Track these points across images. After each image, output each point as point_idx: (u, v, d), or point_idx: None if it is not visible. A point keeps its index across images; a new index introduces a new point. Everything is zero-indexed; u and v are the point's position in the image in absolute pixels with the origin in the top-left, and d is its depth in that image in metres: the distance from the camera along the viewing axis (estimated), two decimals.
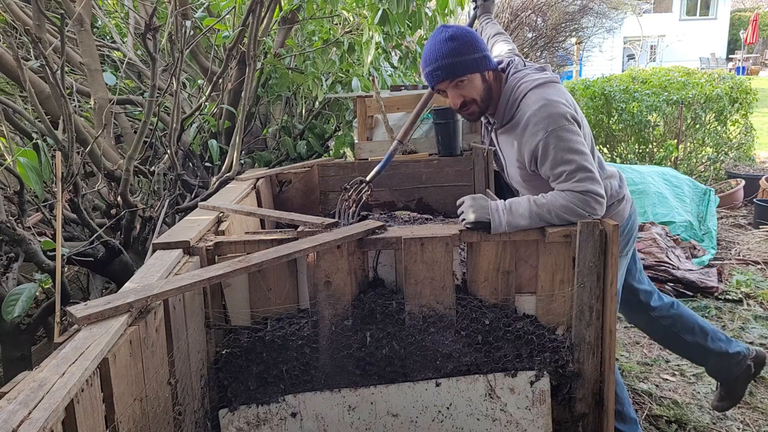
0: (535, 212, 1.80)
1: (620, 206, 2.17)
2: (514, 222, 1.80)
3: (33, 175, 1.89)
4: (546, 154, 1.86)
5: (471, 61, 1.91)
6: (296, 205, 3.22)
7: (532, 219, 1.80)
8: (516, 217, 1.80)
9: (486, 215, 1.81)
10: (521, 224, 1.80)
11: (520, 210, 1.82)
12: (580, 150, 1.84)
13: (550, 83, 1.95)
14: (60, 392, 1.00)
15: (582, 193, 1.79)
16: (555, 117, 1.84)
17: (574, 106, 1.95)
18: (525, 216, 1.80)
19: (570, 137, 1.84)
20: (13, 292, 1.89)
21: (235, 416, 1.78)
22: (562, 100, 1.88)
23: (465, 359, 1.81)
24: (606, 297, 1.79)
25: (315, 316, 1.80)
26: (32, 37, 2.12)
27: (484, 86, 1.97)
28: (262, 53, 3.49)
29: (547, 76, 1.97)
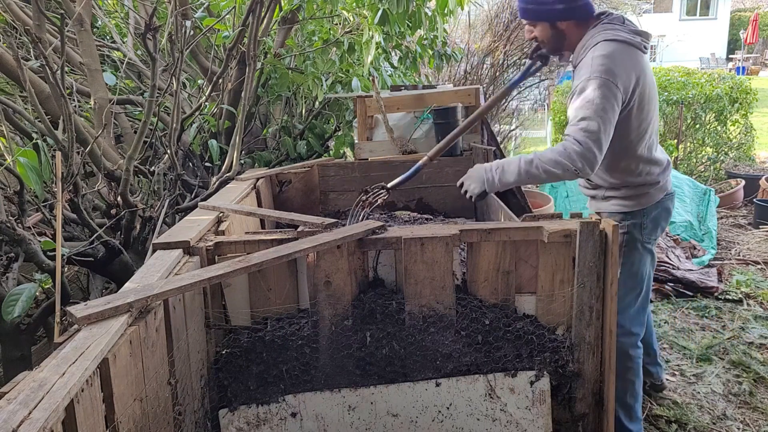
0: (523, 169, 1.99)
1: (651, 190, 2.17)
2: (504, 179, 2.02)
3: (33, 175, 1.88)
4: (578, 94, 1.97)
5: (544, 11, 2.08)
6: (296, 205, 3.22)
7: (520, 175, 2.00)
8: (507, 174, 2.02)
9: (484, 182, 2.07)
10: (510, 180, 2.02)
11: (510, 168, 2.02)
12: (603, 108, 1.89)
13: (625, 44, 1.98)
14: (60, 392, 1.00)
15: (575, 142, 1.89)
16: (605, 70, 1.91)
17: (636, 76, 1.96)
18: (514, 173, 2.01)
19: (604, 93, 1.89)
20: (13, 292, 1.89)
21: (235, 416, 1.78)
22: (621, 64, 1.94)
23: (465, 359, 1.81)
24: (606, 297, 1.79)
25: (315, 316, 1.80)
26: (32, 37, 2.12)
27: (553, 33, 2.11)
28: (262, 53, 3.49)
29: (627, 37, 1.98)
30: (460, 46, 7.70)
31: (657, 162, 2.18)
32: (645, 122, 2.06)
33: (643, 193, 2.17)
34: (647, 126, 2.08)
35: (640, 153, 2.12)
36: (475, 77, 7.92)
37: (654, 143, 2.16)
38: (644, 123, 2.06)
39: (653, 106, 2.10)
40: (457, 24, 8.20)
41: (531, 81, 9.57)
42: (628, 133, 2.06)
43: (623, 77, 1.92)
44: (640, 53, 2.01)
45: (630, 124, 2.04)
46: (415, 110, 3.56)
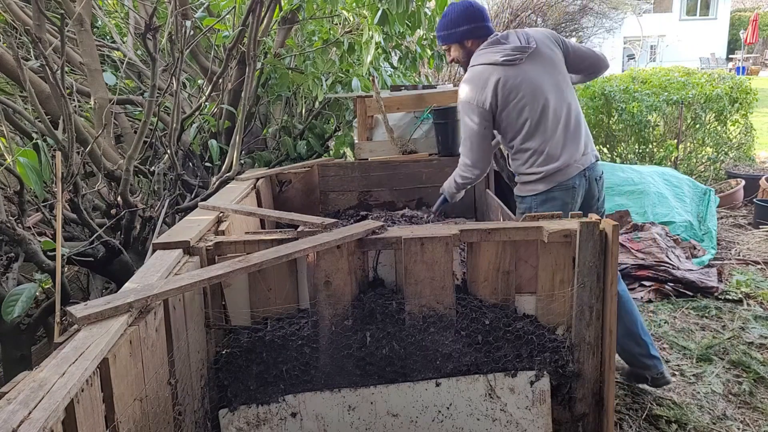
0: (454, 187, 2.76)
1: (532, 179, 2.54)
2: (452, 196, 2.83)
3: (33, 175, 1.88)
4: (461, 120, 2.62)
5: (453, 34, 2.58)
6: (296, 205, 3.22)
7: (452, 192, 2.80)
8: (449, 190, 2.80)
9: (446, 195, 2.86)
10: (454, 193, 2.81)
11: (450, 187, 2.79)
12: (471, 128, 2.52)
13: (483, 66, 2.48)
14: (60, 392, 1.00)
15: (462, 172, 2.68)
16: (465, 95, 2.52)
17: (491, 91, 2.43)
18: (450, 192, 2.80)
19: (468, 113, 2.51)
20: (13, 292, 1.89)
21: (235, 416, 1.78)
22: (476, 82, 2.47)
23: (465, 359, 1.81)
24: (606, 297, 1.79)
25: (315, 316, 1.79)
26: (32, 37, 2.12)
27: (463, 52, 2.61)
28: (262, 53, 3.49)
29: (490, 60, 2.47)
30: None
31: (529, 149, 2.53)
32: (516, 123, 2.50)
33: (523, 185, 2.63)
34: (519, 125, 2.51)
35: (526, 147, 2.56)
36: None
37: (530, 130, 2.50)
38: (515, 124, 2.50)
39: (528, 101, 2.46)
40: None
41: None
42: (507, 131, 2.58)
43: (481, 95, 2.45)
44: (503, 67, 2.43)
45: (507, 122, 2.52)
46: (415, 110, 3.56)
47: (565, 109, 2.50)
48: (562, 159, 2.48)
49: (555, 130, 2.49)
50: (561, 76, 2.56)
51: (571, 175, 2.50)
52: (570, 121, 2.51)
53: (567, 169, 2.50)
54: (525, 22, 8.50)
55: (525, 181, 2.59)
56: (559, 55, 2.58)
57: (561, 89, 2.52)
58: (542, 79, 2.48)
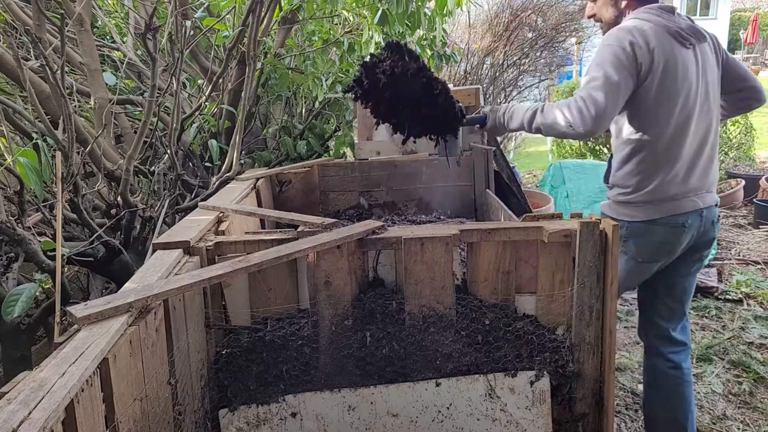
0: (528, 115, 2.04)
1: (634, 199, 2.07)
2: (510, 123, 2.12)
3: (33, 175, 1.88)
4: (594, 59, 1.97)
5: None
6: (296, 205, 3.22)
7: (523, 120, 2.06)
8: (513, 119, 2.10)
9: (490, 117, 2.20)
10: (514, 126, 2.10)
11: (519, 113, 2.08)
12: (610, 71, 1.87)
13: (652, 24, 1.95)
14: (60, 392, 1.00)
15: (579, 99, 1.88)
16: (617, 37, 1.92)
17: (658, 55, 1.90)
18: (519, 118, 2.08)
19: (612, 57, 1.88)
20: (13, 292, 1.89)
21: (235, 416, 1.78)
22: (638, 35, 1.91)
23: (465, 359, 1.81)
24: (606, 297, 1.79)
25: (315, 316, 1.79)
26: (32, 37, 2.12)
27: (613, 10, 2.09)
28: (262, 53, 3.49)
29: (660, 21, 1.95)
30: (460, 46, 7.70)
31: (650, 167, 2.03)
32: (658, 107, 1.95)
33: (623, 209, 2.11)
34: (662, 117, 1.97)
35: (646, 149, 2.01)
36: (475, 77, 7.92)
37: (674, 139, 1.98)
38: (656, 107, 1.95)
39: (681, 106, 1.96)
40: (456, 24, 8.20)
41: (531, 81, 9.58)
42: (634, 118, 2.01)
43: (628, 38, 1.89)
44: (674, 41, 1.92)
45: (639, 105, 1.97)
46: None
47: (705, 129, 2.05)
48: (681, 186, 2.01)
49: (689, 148, 2.02)
50: (715, 89, 2.09)
51: (685, 210, 2.02)
52: (706, 146, 2.06)
53: (683, 201, 2.02)
54: (525, 23, 8.49)
55: (622, 200, 2.10)
56: (718, 64, 2.11)
57: (710, 105, 2.06)
58: (700, 82, 2.01)
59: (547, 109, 1.96)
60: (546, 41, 8.91)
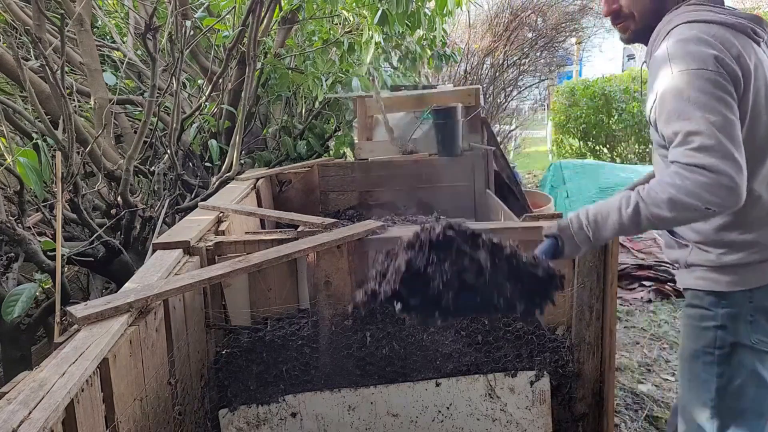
0: (627, 220, 1.32)
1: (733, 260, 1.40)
2: (601, 235, 1.38)
3: (33, 175, 1.88)
4: (664, 101, 1.32)
5: None
6: (296, 205, 3.22)
7: (623, 227, 1.34)
8: (604, 228, 1.37)
9: (575, 244, 1.41)
10: (608, 236, 1.39)
11: (609, 220, 1.36)
12: (712, 107, 1.25)
13: (720, 25, 1.36)
14: (60, 392, 1.00)
15: (692, 168, 1.23)
16: (694, 55, 1.30)
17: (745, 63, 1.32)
18: (614, 226, 1.35)
19: (703, 86, 1.27)
20: (13, 292, 1.88)
21: (235, 416, 1.78)
22: (717, 46, 1.31)
23: (465, 359, 1.81)
24: (606, 297, 1.79)
25: (315, 316, 1.79)
26: (32, 37, 2.12)
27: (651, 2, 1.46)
28: (262, 53, 3.49)
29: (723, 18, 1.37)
30: (460, 46, 7.70)
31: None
32: (760, 140, 1.36)
33: (750, 261, 1.38)
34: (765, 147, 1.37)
35: (755, 191, 1.36)
36: (475, 77, 7.92)
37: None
38: (759, 141, 1.35)
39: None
40: (456, 24, 8.20)
41: (530, 81, 9.58)
42: None
43: (719, 57, 1.29)
44: (748, 40, 1.37)
45: None
46: (415, 110, 3.56)
47: None
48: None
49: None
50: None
51: None
52: None
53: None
54: (525, 23, 8.50)
55: (718, 264, 1.41)
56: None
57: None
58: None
59: (654, 197, 1.28)
60: (546, 41, 8.91)
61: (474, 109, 3.52)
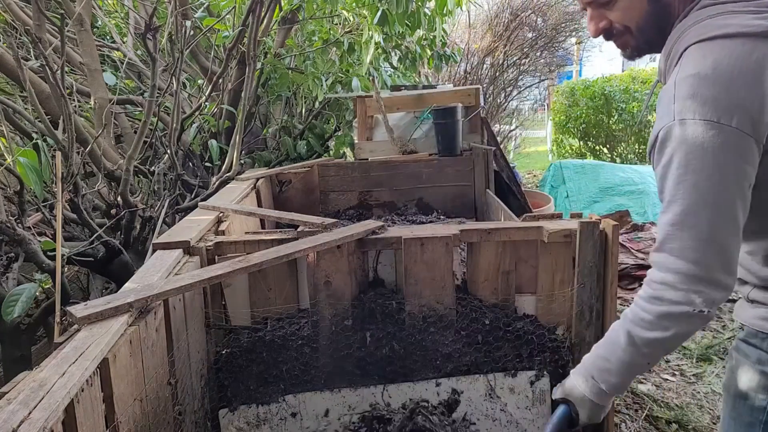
0: (628, 360, 1.20)
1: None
2: (613, 384, 1.25)
3: (33, 175, 1.88)
4: (659, 159, 1.11)
5: None
6: (296, 205, 3.22)
7: (631, 368, 1.22)
8: (612, 376, 1.24)
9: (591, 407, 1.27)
10: (619, 381, 1.25)
11: (612, 366, 1.24)
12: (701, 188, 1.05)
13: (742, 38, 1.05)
14: (60, 392, 1.00)
15: (662, 281, 1.11)
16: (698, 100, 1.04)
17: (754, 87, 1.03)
18: (619, 370, 1.23)
19: (701, 154, 1.04)
20: (13, 292, 1.89)
21: (235, 416, 1.78)
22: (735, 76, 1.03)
23: (465, 359, 1.81)
24: (606, 297, 1.79)
25: (315, 316, 1.79)
26: (32, 37, 2.12)
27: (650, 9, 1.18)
28: (262, 53, 3.49)
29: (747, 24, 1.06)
30: (460, 46, 7.70)
31: None
32: None
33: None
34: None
35: None
36: (475, 77, 7.93)
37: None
38: None
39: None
40: (456, 24, 8.20)
41: (530, 81, 9.58)
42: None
43: (743, 104, 1.02)
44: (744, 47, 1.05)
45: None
46: (415, 110, 3.57)
47: None
48: None
49: None
50: None
51: None
52: None
53: None
54: (525, 23, 8.50)
55: None
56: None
57: None
58: None
59: (646, 319, 1.15)
60: (546, 41, 8.92)
61: (474, 109, 3.52)
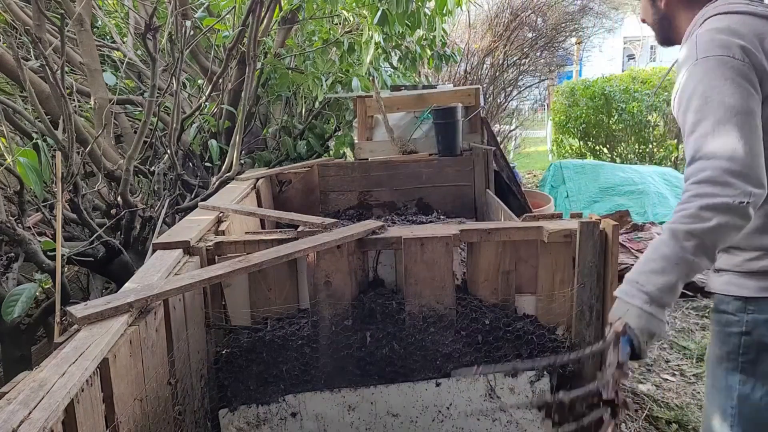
0: (674, 254, 1.23)
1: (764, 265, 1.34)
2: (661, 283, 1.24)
3: (33, 175, 1.88)
4: (684, 92, 1.34)
5: None
6: (296, 205, 3.22)
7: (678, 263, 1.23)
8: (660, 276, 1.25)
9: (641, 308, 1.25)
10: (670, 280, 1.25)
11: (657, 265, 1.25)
12: (731, 93, 1.24)
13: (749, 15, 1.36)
14: (60, 392, 1.00)
15: (702, 168, 1.21)
16: (720, 43, 1.30)
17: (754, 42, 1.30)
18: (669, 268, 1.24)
19: (725, 73, 1.26)
20: (13, 292, 1.89)
21: (235, 416, 1.78)
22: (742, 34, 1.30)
23: (465, 359, 1.81)
24: (606, 297, 1.79)
25: (315, 316, 1.79)
26: (32, 37, 2.12)
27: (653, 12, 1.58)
28: (262, 53, 3.49)
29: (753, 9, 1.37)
30: (460, 46, 7.70)
31: None
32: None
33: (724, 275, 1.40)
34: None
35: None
36: (475, 77, 7.93)
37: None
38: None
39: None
40: (456, 24, 8.20)
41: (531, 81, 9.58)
42: None
43: (746, 48, 1.28)
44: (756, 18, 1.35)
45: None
46: (415, 110, 3.56)
47: None
48: None
49: None
50: None
51: None
52: None
53: None
54: (525, 23, 8.50)
55: (745, 269, 1.38)
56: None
57: None
58: None
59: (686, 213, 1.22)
60: (546, 41, 8.92)
61: (474, 109, 3.52)
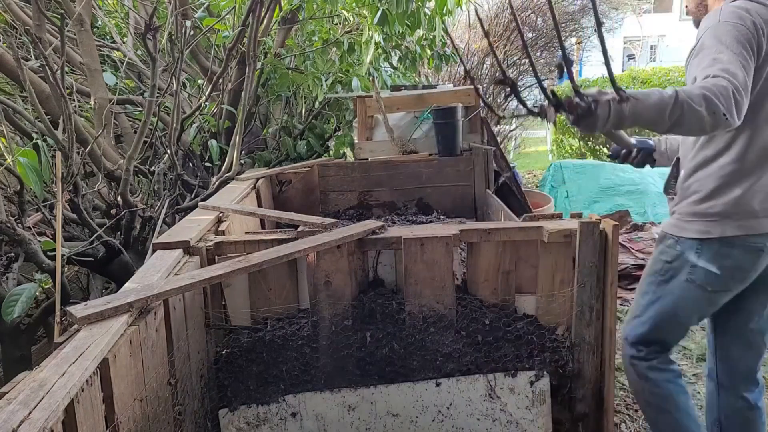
0: (665, 102, 1.42)
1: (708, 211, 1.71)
2: (638, 111, 1.42)
3: (33, 175, 1.88)
4: (703, 38, 1.62)
5: None
6: (296, 205, 3.22)
7: (660, 110, 1.43)
8: (643, 105, 1.42)
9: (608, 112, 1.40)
10: (646, 115, 1.44)
11: (649, 99, 1.43)
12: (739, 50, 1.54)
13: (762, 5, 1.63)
14: (60, 392, 1.00)
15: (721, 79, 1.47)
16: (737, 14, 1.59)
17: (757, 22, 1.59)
18: (653, 105, 1.43)
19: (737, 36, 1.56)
20: (13, 292, 1.89)
21: (235, 416, 1.78)
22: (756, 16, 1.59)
23: (465, 359, 1.81)
24: (606, 297, 1.79)
25: (315, 316, 1.79)
26: (32, 37, 2.12)
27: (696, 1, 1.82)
28: (262, 53, 3.49)
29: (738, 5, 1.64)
30: (460, 46, 7.70)
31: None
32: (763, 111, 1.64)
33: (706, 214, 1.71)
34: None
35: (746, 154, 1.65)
36: (475, 77, 7.92)
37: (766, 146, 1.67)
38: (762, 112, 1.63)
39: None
40: (456, 24, 8.20)
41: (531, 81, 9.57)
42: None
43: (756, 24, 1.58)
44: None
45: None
46: (415, 110, 3.56)
47: None
48: (765, 201, 1.67)
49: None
50: None
51: (766, 230, 1.67)
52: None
53: (763, 220, 1.67)
54: (525, 23, 8.50)
55: (693, 212, 1.74)
56: None
57: None
58: None
59: (690, 91, 1.45)
60: (546, 41, 8.91)
61: (474, 109, 3.52)
